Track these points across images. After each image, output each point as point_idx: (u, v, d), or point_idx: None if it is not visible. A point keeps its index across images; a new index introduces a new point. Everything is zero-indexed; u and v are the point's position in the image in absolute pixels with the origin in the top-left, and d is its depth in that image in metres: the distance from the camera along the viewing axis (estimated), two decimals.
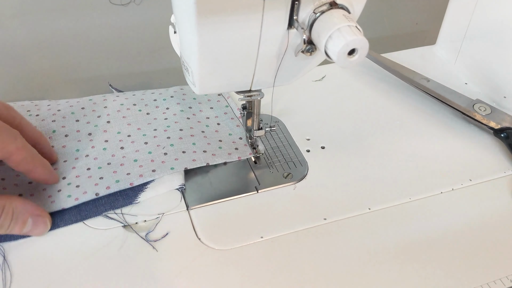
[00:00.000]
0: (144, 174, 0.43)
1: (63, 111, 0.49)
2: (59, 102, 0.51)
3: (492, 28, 0.54)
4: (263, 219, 0.42)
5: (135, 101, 0.52)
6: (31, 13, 0.64)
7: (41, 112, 0.49)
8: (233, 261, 0.38)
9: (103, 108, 0.51)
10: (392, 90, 0.58)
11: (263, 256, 0.39)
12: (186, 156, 0.45)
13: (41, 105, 0.51)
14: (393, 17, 0.86)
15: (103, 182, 0.42)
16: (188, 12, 0.32)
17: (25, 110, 0.50)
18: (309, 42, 0.34)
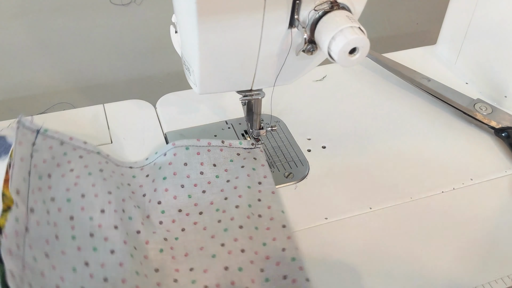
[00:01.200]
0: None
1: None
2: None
3: (492, 28, 0.55)
4: None
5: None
6: (31, 13, 0.64)
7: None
8: None
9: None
10: (393, 89, 0.58)
11: None
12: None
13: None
14: (393, 17, 0.86)
15: None
16: (189, 12, 0.32)
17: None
18: (310, 41, 0.34)
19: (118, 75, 0.73)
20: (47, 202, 0.38)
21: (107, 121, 0.51)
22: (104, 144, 0.48)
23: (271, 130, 0.46)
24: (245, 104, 0.45)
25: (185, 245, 0.39)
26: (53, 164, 0.40)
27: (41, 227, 0.36)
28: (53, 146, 0.41)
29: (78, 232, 0.36)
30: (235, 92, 0.42)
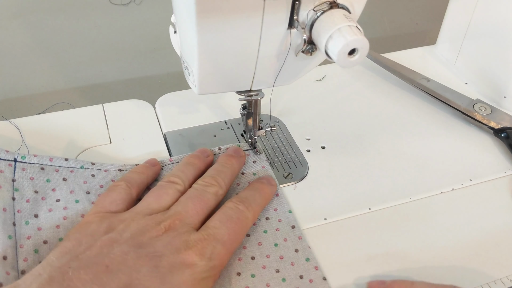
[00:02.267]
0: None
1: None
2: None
3: (492, 28, 0.54)
4: None
5: None
6: (31, 13, 0.64)
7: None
8: None
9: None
10: (392, 90, 0.58)
11: None
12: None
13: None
14: (393, 17, 0.86)
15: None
16: (188, 12, 0.32)
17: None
18: (310, 42, 0.34)
19: (118, 75, 0.73)
20: (39, 248, 0.37)
21: (106, 121, 0.51)
22: (103, 144, 0.48)
23: (270, 130, 0.46)
24: (244, 114, 0.45)
25: None
26: (38, 200, 0.39)
27: None
28: (34, 176, 0.40)
29: None
30: (235, 92, 0.42)
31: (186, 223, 0.35)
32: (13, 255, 0.35)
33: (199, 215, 0.36)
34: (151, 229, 0.34)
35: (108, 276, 0.29)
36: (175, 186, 0.39)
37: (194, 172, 0.41)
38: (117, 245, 0.32)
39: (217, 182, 0.39)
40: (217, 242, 0.34)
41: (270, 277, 0.37)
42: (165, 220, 0.35)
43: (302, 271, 0.37)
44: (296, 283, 0.37)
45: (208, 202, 0.38)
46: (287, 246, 0.39)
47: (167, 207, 0.37)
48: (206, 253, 0.33)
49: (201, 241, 0.33)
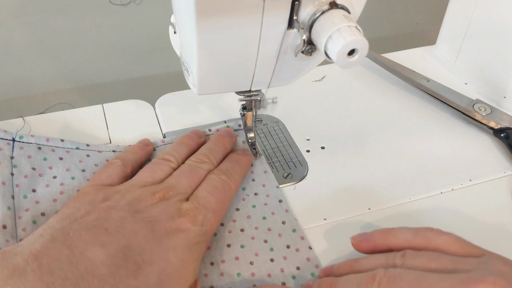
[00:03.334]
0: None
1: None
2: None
3: (492, 28, 0.54)
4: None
5: None
6: (31, 13, 0.64)
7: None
8: None
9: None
10: (392, 90, 0.58)
11: None
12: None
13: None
14: (393, 17, 0.86)
15: None
16: (188, 12, 0.32)
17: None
18: (309, 42, 0.34)
19: (117, 75, 0.73)
20: (37, 219, 0.38)
21: (106, 121, 0.51)
22: (104, 144, 0.48)
23: (272, 102, 0.46)
24: (243, 115, 0.46)
25: None
26: (35, 176, 0.40)
27: None
28: (32, 155, 0.42)
29: None
30: (234, 92, 0.42)
31: (178, 194, 0.37)
32: (12, 224, 0.37)
33: (191, 188, 0.38)
34: (146, 198, 0.35)
35: (108, 237, 0.31)
36: (169, 163, 0.41)
37: (187, 151, 0.43)
38: (115, 211, 0.33)
39: (209, 160, 0.41)
40: (207, 210, 0.36)
41: (259, 247, 0.39)
42: (159, 191, 0.36)
43: (289, 241, 0.39)
44: (283, 252, 0.38)
45: (200, 177, 0.39)
46: (274, 219, 0.41)
47: (160, 181, 0.39)
48: (198, 220, 0.35)
49: (192, 209, 0.35)
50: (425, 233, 0.35)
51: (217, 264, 0.37)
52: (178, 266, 0.32)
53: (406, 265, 0.32)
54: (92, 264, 0.29)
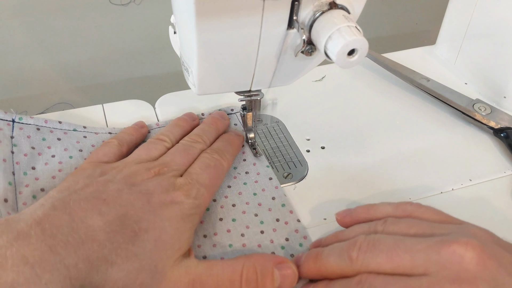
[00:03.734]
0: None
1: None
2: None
3: (492, 28, 0.55)
4: None
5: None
6: (31, 13, 0.64)
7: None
8: None
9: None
10: (392, 89, 0.58)
11: None
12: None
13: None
14: (393, 17, 0.86)
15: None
16: (188, 12, 0.32)
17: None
18: (309, 42, 0.34)
19: (117, 75, 0.73)
20: (37, 194, 0.40)
21: (106, 121, 0.51)
22: None
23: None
24: (243, 115, 0.46)
25: None
26: (34, 155, 0.42)
27: None
28: (31, 135, 0.43)
29: None
30: (234, 92, 0.42)
31: (172, 170, 0.38)
32: (13, 198, 0.38)
33: (185, 166, 0.40)
34: (142, 173, 0.37)
35: (106, 207, 0.32)
36: (163, 143, 0.42)
37: (181, 132, 0.45)
38: (112, 184, 0.35)
39: (202, 140, 0.43)
40: (200, 185, 0.38)
41: (249, 220, 0.40)
42: (154, 167, 0.38)
43: (278, 215, 0.41)
44: (273, 225, 0.40)
45: (193, 156, 0.41)
46: (265, 195, 0.43)
47: (155, 159, 0.40)
48: (192, 194, 0.36)
49: (186, 184, 0.37)
50: (405, 206, 0.36)
51: (209, 236, 0.39)
52: (173, 234, 0.33)
53: (386, 231, 0.34)
54: (91, 230, 0.30)
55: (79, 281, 0.29)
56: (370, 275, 0.30)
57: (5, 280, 0.26)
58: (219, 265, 0.34)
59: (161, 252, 0.32)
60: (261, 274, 0.33)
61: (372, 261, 0.31)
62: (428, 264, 0.29)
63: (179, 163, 0.39)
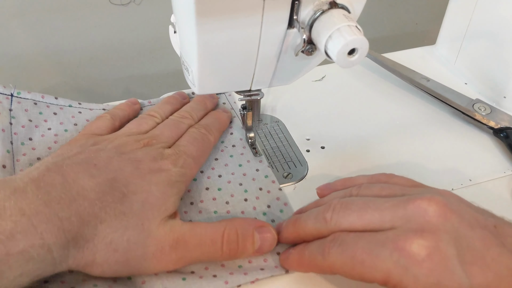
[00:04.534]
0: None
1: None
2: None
3: (492, 28, 0.55)
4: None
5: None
6: (31, 13, 0.64)
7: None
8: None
9: None
10: (392, 89, 0.58)
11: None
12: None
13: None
14: (393, 17, 0.86)
15: None
16: (188, 12, 0.32)
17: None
18: (309, 42, 0.34)
19: (117, 74, 0.73)
20: (33, 162, 0.42)
21: None
22: None
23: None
24: (243, 115, 0.46)
25: None
26: (31, 127, 0.45)
27: None
28: (28, 108, 0.46)
29: None
30: (234, 92, 0.42)
31: (161, 142, 0.41)
32: (11, 165, 0.41)
33: (173, 139, 0.42)
34: (132, 143, 0.39)
35: (97, 171, 0.34)
36: (154, 118, 0.45)
37: (171, 109, 0.47)
38: (103, 152, 0.37)
39: (190, 116, 0.46)
40: (187, 156, 0.40)
41: (234, 189, 0.43)
42: (143, 139, 0.40)
43: (262, 184, 0.44)
44: (256, 193, 0.43)
45: (182, 130, 0.43)
46: (249, 166, 0.45)
47: (145, 132, 0.42)
48: (179, 163, 0.39)
49: (173, 154, 0.39)
50: (379, 177, 0.38)
51: (196, 203, 0.41)
52: (159, 197, 0.35)
53: (360, 194, 0.36)
54: (83, 189, 0.33)
55: (71, 233, 0.31)
56: (342, 232, 0.33)
57: (4, 228, 0.28)
58: (202, 226, 0.35)
59: (147, 212, 0.34)
60: (242, 236, 0.35)
61: (344, 220, 0.33)
62: (395, 219, 0.31)
63: (168, 136, 0.42)
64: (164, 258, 0.34)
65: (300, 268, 0.36)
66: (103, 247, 0.32)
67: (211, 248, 0.35)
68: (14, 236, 0.28)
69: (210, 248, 0.35)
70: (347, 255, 0.31)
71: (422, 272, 0.29)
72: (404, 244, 0.29)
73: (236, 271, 0.36)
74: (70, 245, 0.31)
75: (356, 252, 0.31)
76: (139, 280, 0.35)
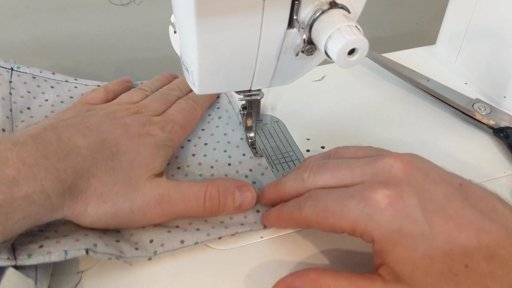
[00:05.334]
0: None
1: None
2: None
3: (492, 28, 0.55)
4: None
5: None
6: (31, 13, 0.64)
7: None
8: (233, 261, 0.38)
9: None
10: (392, 89, 0.58)
11: (263, 256, 0.39)
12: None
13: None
14: (393, 17, 0.86)
15: None
16: (188, 12, 0.32)
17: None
18: (309, 42, 0.34)
19: (117, 75, 0.73)
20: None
21: None
22: None
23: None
24: (243, 115, 0.46)
25: None
26: (30, 98, 0.48)
27: None
28: (27, 81, 0.49)
29: None
30: (234, 92, 0.42)
31: (150, 111, 0.44)
32: (10, 129, 0.44)
33: (162, 109, 0.45)
34: (122, 111, 0.42)
35: (89, 132, 0.37)
36: (144, 92, 0.48)
37: (161, 85, 0.50)
38: (95, 117, 0.40)
39: (179, 89, 0.49)
40: (174, 123, 0.43)
41: (219, 156, 0.46)
42: (133, 108, 0.43)
43: (245, 151, 0.47)
44: (239, 159, 0.46)
45: (170, 102, 0.47)
46: (234, 135, 0.49)
47: (136, 103, 0.45)
48: (167, 129, 0.42)
49: (161, 121, 0.42)
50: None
51: (182, 168, 0.45)
52: (147, 157, 0.38)
53: (336, 157, 0.38)
54: (76, 146, 0.35)
55: (67, 183, 0.33)
56: (317, 189, 0.35)
57: (8, 175, 0.31)
58: (186, 184, 0.38)
59: (135, 169, 0.37)
60: (223, 193, 0.38)
61: (319, 179, 0.35)
62: (364, 175, 0.33)
63: (157, 106, 0.45)
64: (150, 211, 0.36)
65: (279, 224, 0.39)
66: (94, 199, 0.35)
67: (194, 204, 0.38)
68: (17, 182, 0.31)
69: (193, 204, 0.38)
70: (319, 208, 0.33)
71: (385, 218, 0.30)
72: (369, 194, 0.31)
73: (218, 226, 0.39)
74: (66, 194, 0.34)
75: (327, 204, 0.33)
76: (127, 232, 0.38)
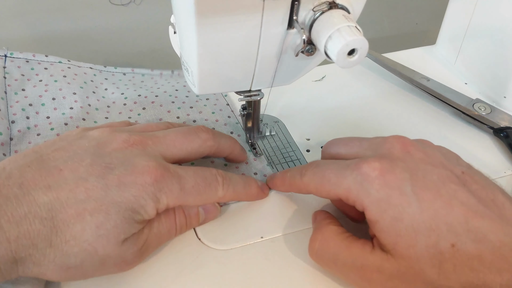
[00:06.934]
0: None
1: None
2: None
3: (492, 28, 0.55)
4: (263, 219, 0.42)
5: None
6: (31, 13, 0.64)
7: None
8: (233, 261, 0.38)
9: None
10: (392, 89, 0.58)
11: (263, 256, 0.39)
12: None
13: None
14: (393, 17, 0.86)
15: None
16: (188, 12, 0.32)
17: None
18: (309, 42, 0.34)
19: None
20: (26, 108, 0.47)
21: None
22: None
23: (270, 135, 0.50)
24: (243, 115, 0.46)
25: (147, 118, 0.49)
26: (24, 80, 0.50)
27: (22, 133, 0.45)
28: (21, 65, 0.51)
29: (55, 125, 0.46)
30: (234, 92, 0.42)
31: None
32: (5, 109, 0.46)
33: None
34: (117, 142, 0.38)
35: (55, 182, 0.32)
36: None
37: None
38: (79, 151, 0.35)
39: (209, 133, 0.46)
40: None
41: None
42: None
43: (233, 129, 0.49)
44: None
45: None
46: (222, 114, 0.51)
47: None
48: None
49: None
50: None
51: None
52: (118, 221, 0.34)
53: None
54: (36, 205, 0.31)
55: (18, 255, 0.30)
56: (318, 160, 0.39)
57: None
58: (157, 222, 0.37)
59: (102, 239, 0.32)
60: (188, 216, 0.38)
61: (331, 149, 0.40)
62: (367, 152, 0.36)
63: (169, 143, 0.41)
64: (126, 266, 0.35)
65: (282, 187, 0.42)
66: (52, 267, 0.31)
67: (167, 237, 0.38)
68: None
69: (167, 238, 0.38)
70: (318, 175, 0.36)
71: (373, 187, 0.32)
72: (363, 165, 0.33)
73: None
74: (18, 263, 0.30)
75: (325, 173, 0.35)
76: None
